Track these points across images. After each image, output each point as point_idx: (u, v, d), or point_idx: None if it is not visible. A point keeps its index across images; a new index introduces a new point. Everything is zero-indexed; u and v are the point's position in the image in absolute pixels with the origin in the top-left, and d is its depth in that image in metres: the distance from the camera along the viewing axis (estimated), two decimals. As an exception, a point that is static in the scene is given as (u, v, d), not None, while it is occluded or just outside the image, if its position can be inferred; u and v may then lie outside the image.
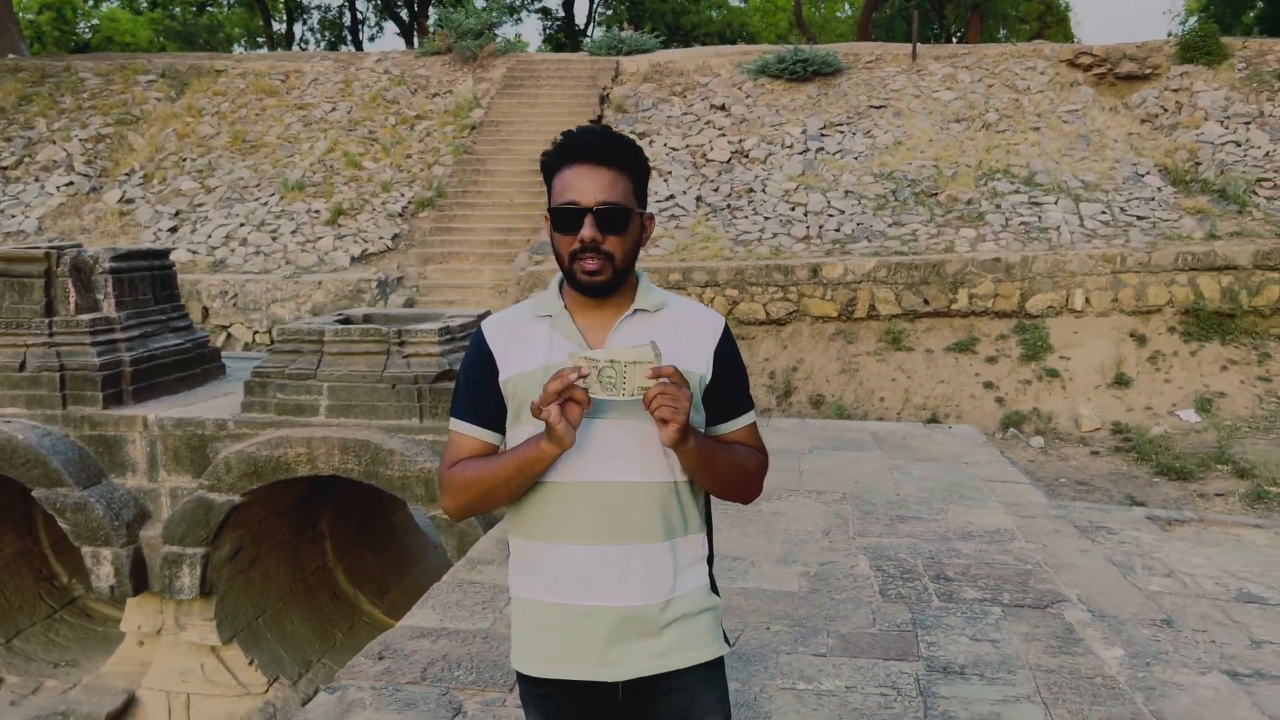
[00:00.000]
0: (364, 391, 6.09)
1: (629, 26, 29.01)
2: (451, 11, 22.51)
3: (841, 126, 17.44)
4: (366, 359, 6.17)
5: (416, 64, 21.12)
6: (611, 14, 42.74)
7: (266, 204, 16.53)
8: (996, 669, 3.73)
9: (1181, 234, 14.01)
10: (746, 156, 16.70)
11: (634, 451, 1.93)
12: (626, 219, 1.95)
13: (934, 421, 12.25)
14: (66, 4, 36.74)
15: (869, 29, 32.42)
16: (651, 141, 17.34)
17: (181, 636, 6.31)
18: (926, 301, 13.54)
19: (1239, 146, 16.08)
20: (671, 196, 15.74)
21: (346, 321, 6.71)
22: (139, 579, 6.21)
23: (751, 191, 15.80)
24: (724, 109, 18.21)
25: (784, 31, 42.42)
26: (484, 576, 4.65)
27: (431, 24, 38.18)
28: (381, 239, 15.78)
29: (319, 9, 44.66)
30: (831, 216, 15.04)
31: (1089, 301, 13.47)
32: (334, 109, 19.37)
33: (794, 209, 15.28)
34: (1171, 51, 18.76)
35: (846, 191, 15.58)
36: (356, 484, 7.71)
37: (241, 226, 16.02)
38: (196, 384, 7.11)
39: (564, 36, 42.39)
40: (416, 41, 38.86)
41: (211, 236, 15.80)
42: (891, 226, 14.70)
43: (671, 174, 16.30)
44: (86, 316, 6.44)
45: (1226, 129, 16.51)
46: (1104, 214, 14.57)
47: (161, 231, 16.01)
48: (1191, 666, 3.80)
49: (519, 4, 41.48)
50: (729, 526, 5.48)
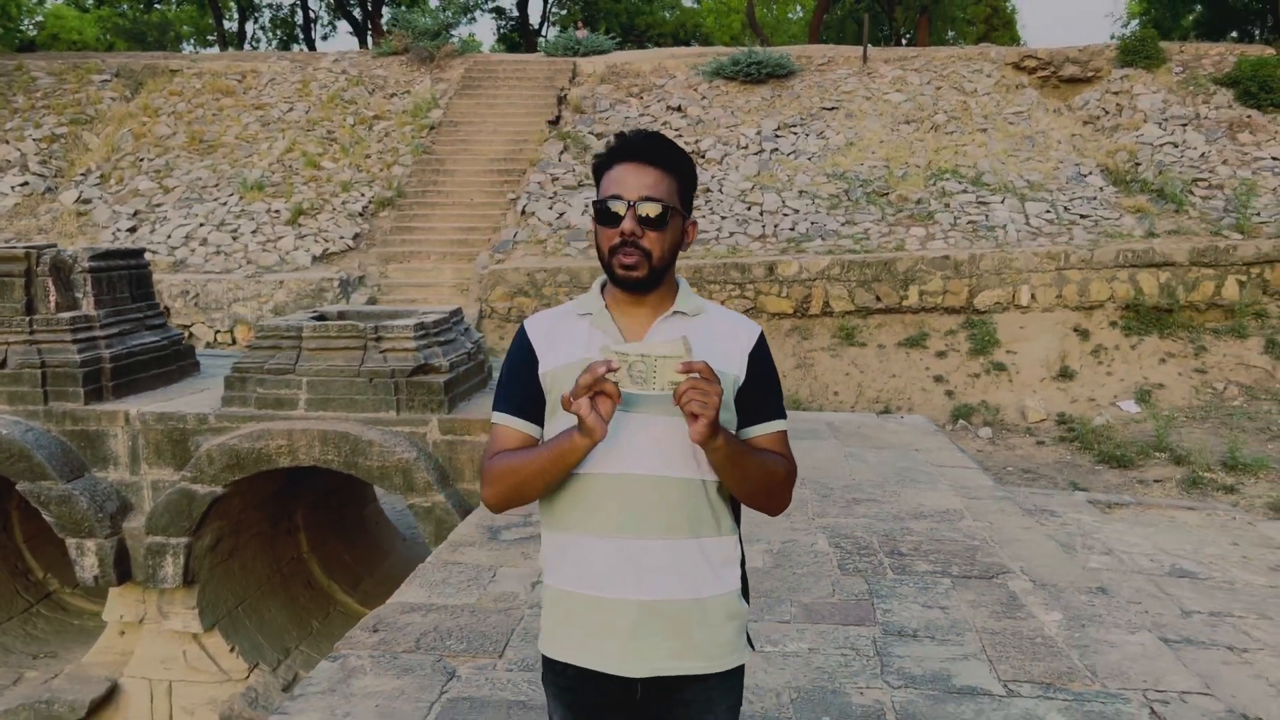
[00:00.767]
0: (342, 385, 6.30)
1: (583, 27, 29.23)
2: (407, 12, 22.59)
3: (795, 128, 17.83)
4: (344, 354, 6.38)
5: (374, 64, 21.20)
6: (566, 14, 42.90)
7: (226, 204, 16.56)
8: (946, 631, 4.05)
9: (1122, 232, 14.56)
10: (703, 157, 17.03)
11: (663, 447, 1.96)
12: (666, 216, 1.98)
13: (886, 414, 12.65)
14: (10, 1, 36.17)
15: (820, 30, 32.94)
16: (609, 142, 17.57)
17: (164, 625, 6.48)
18: (878, 298, 13.96)
19: (1176, 148, 16.70)
20: (630, 196, 16.00)
21: (321, 318, 6.91)
22: (122, 569, 6.37)
23: (708, 191, 16.12)
24: (680, 110, 18.53)
25: (737, 33, 42.87)
26: (466, 558, 4.90)
27: (385, 22, 38.12)
28: (342, 238, 15.89)
29: (270, 7, 44.24)
30: (786, 216, 15.42)
31: (1034, 297, 13.96)
32: (291, 109, 19.41)
33: (750, 208, 15.63)
34: (1112, 55, 19.41)
35: (801, 191, 15.97)
36: (330, 478, 7.92)
37: (201, 226, 16.04)
38: (173, 380, 7.26)
39: (518, 36, 42.44)
40: (370, 41, 38.72)
41: (171, 236, 15.81)
42: (845, 225, 15.10)
43: (630, 174, 16.56)
44: (66, 315, 6.57)
45: (1164, 130, 17.13)
46: (1048, 213, 15.09)
47: (120, 232, 15.99)
48: (1122, 627, 4.16)
49: (473, 3, 41.47)
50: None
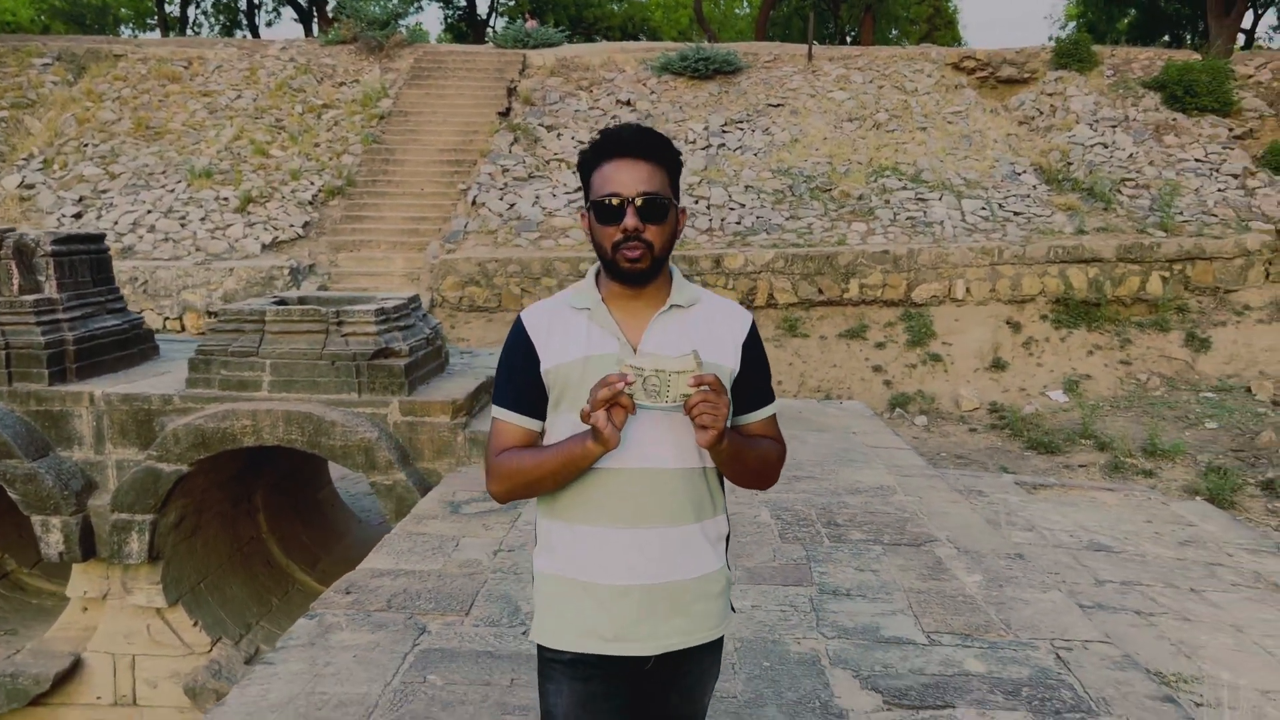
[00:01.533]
0: (305, 368, 6.51)
1: (531, 18, 29.34)
2: (356, 0, 22.55)
3: (742, 123, 18.22)
4: (307, 337, 6.59)
5: (322, 53, 21.19)
6: (514, 4, 42.89)
7: (174, 191, 16.52)
8: (876, 591, 4.42)
9: (1053, 229, 15.15)
10: (651, 151, 17.30)
11: (669, 440, 2.05)
12: (666, 209, 2.04)
13: (827, 400, 13.08)
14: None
15: (766, 27, 33.41)
16: (560, 135, 17.87)
17: (128, 600, 6.64)
18: (821, 291, 14.39)
19: (1106, 148, 17.36)
20: (580, 188, 16.26)
21: (282, 303, 7.11)
22: (87, 546, 6.52)
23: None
24: (630, 104, 18.83)
25: (685, 27, 43.19)
26: (430, 529, 5.16)
27: (331, 8, 37.84)
28: (292, 226, 15.95)
29: (213, -10, 43.62)
30: (733, 210, 15.80)
31: (969, 291, 14.49)
32: (239, 96, 19.36)
33: (697, 202, 15.98)
34: (1047, 57, 20.08)
35: (747, 186, 16.36)
36: (287, 462, 8.12)
37: (149, 213, 16.00)
38: (134, 363, 7.41)
39: (465, 26, 42.38)
40: (316, 28, 38.43)
41: (118, 223, 15.75)
42: (789, 220, 15.52)
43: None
44: (30, 297, 6.70)
45: (1095, 131, 17.80)
46: (984, 210, 15.64)
47: (65, 217, 15.89)
48: (1036, 587, 4.55)
49: (421, -8, 41.28)
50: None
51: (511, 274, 14.46)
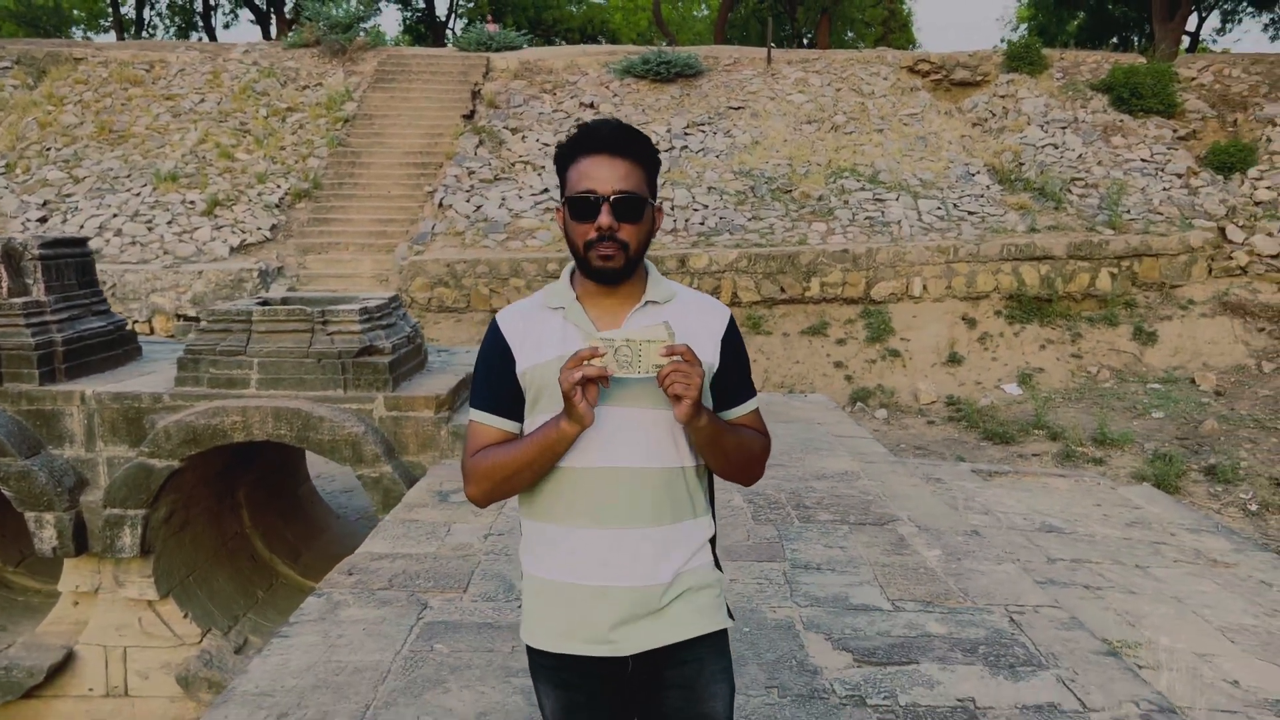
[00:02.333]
0: (291, 366, 6.74)
1: (491, 20, 29.54)
2: (318, 4, 22.63)
3: (703, 126, 18.58)
4: (293, 336, 6.81)
5: (285, 56, 21.25)
6: (473, 6, 43.01)
7: (139, 194, 16.57)
8: (844, 565, 4.75)
9: (1006, 228, 15.64)
10: (615, 153, 17.60)
11: (643, 438, 2.01)
12: (642, 208, 2.01)
13: (791, 394, 13.47)
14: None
15: (725, 29, 33.84)
16: (524, 137, 18.12)
17: (120, 593, 6.83)
18: (783, 289, 14.77)
19: (1056, 149, 17.92)
20: (546, 190, 16.55)
21: (265, 304, 7.33)
22: (80, 540, 6.70)
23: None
24: (593, 107, 19.11)
25: (644, 29, 43.57)
26: (421, 516, 5.43)
27: (290, 11, 37.72)
28: (259, 229, 16.06)
29: (168, -9, 43.27)
30: (696, 211, 16.14)
31: (926, 288, 14.94)
32: (203, 100, 19.40)
33: (661, 203, 16.27)
34: (1000, 60, 20.62)
35: (710, 188, 16.71)
36: (268, 458, 8.33)
37: (115, 217, 16.04)
38: (119, 364, 7.58)
39: (424, 28, 42.43)
40: (274, 31, 38.31)
41: (84, 227, 15.77)
42: (751, 220, 15.89)
43: (545, 169, 17.11)
44: (19, 300, 6.87)
45: (1046, 133, 18.35)
46: (939, 209, 16.11)
47: (30, 222, 15.88)
48: (991, 560, 4.91)
49: (380, -6, 41.25)
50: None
51: (480, 275, 14.69)
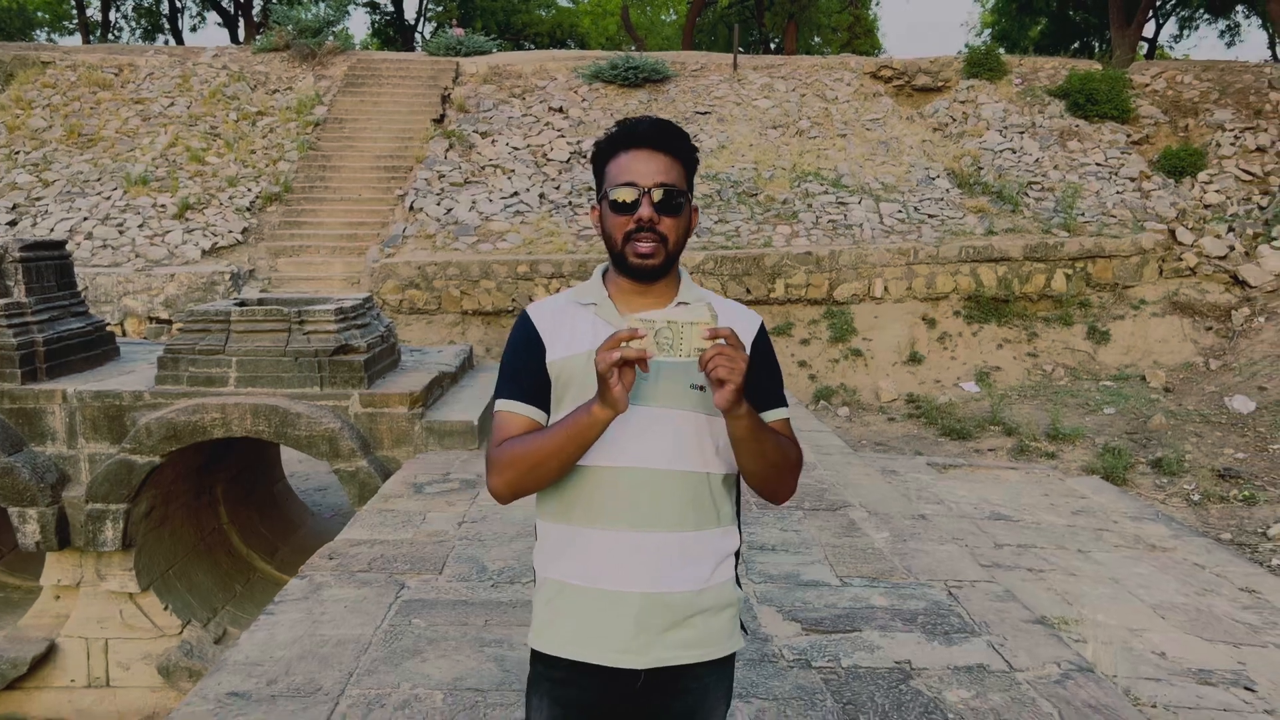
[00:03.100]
0: (269, 364, 6.97)
1: (457, 25, 29.72)
2: (287, 8, 22.75)
3: (670, 130, 18.86)
4: (271, 335, 7.05)
5: (255, 60, 21.37)
6: (442, 10, 43.14)
7: (110, 198, 16.65)
8: (798, 547, 5.06)
9: (965, 230, 16.06)
10: (585, 157, 17.91)
11: (671, 440, 1.95)
12: (682, 202, 1.98)
13: (756, 396, 13.80)
14: None
15: (693, 34, 34.22)
16: (494, 141, 18.36)
17: (102, 586, 7.02)
18: (749, 291, 15.10)
19: (1014, 154, 18.39)
20: (516, 194, 16.81)
21: (243, 304, 7.55)
22: (62, 535, 6.89)
23: (591, 190, 17.02)
24: (562, 111, 19.38)
25: (612, 34, 43.89)
26: (397, 506, 5.68)
27: (257, 14, 37.73)
28: (231, 233, 16.20)
29: (134, -6, 43.09)
30: (663, 213, 16.41)
31: (887, 290, 15.33)
32: (173, 104, 19.49)
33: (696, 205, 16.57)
34: (960, 67, 21.09)
35: (676, 190, 16.98)
36: (245, 456, 8.54)
37: (85, 220, 16.12)
38: (99, 363, 7.77)
39: (393, 32, 42.53)
40: (242, 34, 38.30)
41: (54, 230, 15.84)
42: (717, 224, 16.21)
43: (515, 172, 17.37)
44: (1, 301, 7.06)
45: (1004, 138, 18.83)
46: (900, 212, 16.51)
47: None
48: (935, 541, 5.24)
49: (348, -1, 41.28)
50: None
51: (451, 277, 14.91)
